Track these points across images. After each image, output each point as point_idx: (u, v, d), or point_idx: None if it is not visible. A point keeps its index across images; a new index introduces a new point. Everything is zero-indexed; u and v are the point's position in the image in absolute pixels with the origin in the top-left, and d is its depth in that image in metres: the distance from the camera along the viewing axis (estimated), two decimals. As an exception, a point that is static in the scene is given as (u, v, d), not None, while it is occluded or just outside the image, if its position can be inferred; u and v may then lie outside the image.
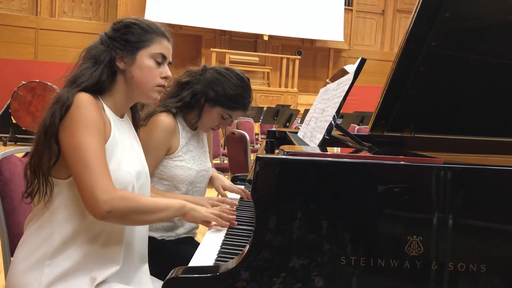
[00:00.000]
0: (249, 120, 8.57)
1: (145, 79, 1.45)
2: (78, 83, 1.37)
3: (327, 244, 1.13)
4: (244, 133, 4.11)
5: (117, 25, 1.48)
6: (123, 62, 1.43)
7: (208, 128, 2.01)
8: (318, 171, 1.15)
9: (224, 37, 14.36)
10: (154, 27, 1.48)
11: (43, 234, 1.36)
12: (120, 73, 1.44)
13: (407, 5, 15.41)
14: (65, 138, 1.32)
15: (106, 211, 1.28)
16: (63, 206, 1.36)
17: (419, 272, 1.13)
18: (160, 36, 1.48)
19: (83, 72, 1.40)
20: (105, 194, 1.28)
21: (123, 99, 1.47)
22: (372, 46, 15.83)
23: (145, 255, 1.57)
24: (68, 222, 1.36)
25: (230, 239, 1.47)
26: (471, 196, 1.16)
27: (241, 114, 2.00)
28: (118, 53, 1.43)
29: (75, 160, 1.30)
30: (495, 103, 1.79)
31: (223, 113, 1.95)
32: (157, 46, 1.46)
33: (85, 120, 1.32)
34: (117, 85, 1.45)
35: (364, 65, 1.58)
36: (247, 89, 1.99)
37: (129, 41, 1.44)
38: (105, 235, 1.39)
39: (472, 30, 1.66)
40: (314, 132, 1.76)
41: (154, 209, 1.40)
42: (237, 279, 1.12)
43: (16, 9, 12.91)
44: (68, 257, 1.35)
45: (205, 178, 2.03)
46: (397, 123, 1.76)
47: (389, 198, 1.15)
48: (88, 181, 1.28)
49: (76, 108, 1.32)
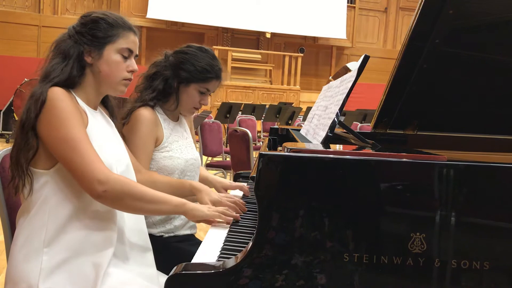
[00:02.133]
0: (251, 117, 8.57)
1: (112, 73, 1.49)
2: (50, 78, 1.42)
3: (330, 241, 1.13)
4: (247, 130, 4.11)
5: (84, 19, 1.50)
6: (91, 57, 1.47)
7: (190, 109, 2.00)
8: (321, 168, 1.15)
9: (226, 34, 14.35)
10: (120, 21, 1.51)
11: (36, 224, 1.39)
12: (88, 67, 1.48)
13: (410, 2, 15.38)
14: (48, 133, 1.36)
15: (102, 190, 1.34)
16: (52, 195, 1.39)
17: (422, 269, 1.13)
18: (126, 30, 1.51)
19: (54, 67, 1.44)
20: (100, 174, 1.34)
21: (93, 92, 1.51)
22: (374, 44, 15.80)
23: (146, 243, 1.58)
24: (60, 209, 1.39)
25: (233, 236, 1.47)
26: (474, 193, 1.16)
27: (217, 83, 1.99)
28: (86, 48, 1.46)
29: (64, 151, 1.35)
30: (498, 100, 1.79)
31: (200, 88, 1.96)
32: (124, 41, 1.50)
33: (63, 112, 1.36)
34: (86, 79, 1.48)
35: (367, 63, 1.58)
36: (213, 58, 2.00)
37: (96, 36, 1.47)
38: (97, 218, 1.42)
39: (475, 27, 1.66)
40: (317, 130, 1.76)
41: (150, 199, 1.43)
42: (240, 276, 1.13)
43: (19, 6, 12.92)
44: (65, 243, 1.38)
45: (195, 167, 2.04)
46: (400, 120, 1.76)
47: (392, 195, 1.15)
48: (82, 166, 1.34)
49: (51, 102, 1.36)
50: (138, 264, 1.51)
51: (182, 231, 2.00)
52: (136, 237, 1.55)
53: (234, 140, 4.35)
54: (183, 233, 2.00)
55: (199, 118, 5.95)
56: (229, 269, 1.13)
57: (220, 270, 1.14)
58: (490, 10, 1.63)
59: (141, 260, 1.53)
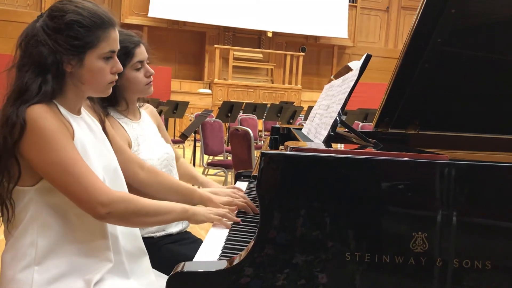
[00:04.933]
0: (252, 116, 8.58)
1: (96, 80, 1.35)
2: (25, 98, 1.26)
3: (332, 240, 1.13)
4: (248, 129, 4.12)
5: (57, 22, 1.31)
6: (70, 65, 1.32)
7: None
8: (323, 167, 1.15)
9: (228, 33, 14.34)
10: (98, 20, 1.33)
11: (26, 241, 1.31)
12: (68, 75, 1.33)
13: (411, 2, 15.35)
14: (35, 156, 1.25)
15: (105, 212, 1.27)
16: (39, 212, 1.31)
17: (424, 269, 1.13)
18: (106, 29, 1.34)
19: (28, 83, 1.27)
20: (102, 196, 1.26)
21: (75, 98, 1.38)
22: (376, 43, 15.78)
23: (141, 249, 1.54)
24: (48, 227, 1.31)
25: (235, 235, 1.47)
26: (476, 193, 1.16)
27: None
28: (64, 57, 1.30)
29: (57, 176, 1.25)
30: (500, 100, 1.78)
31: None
32: (105, 44, 1.34)
33: (49, 132, 1.24)
34: (67, 87, 1.34)
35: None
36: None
37: (75, 45, 1.30)
38: (88, 233, 1.35)
39: (478, 27, 1.66)
40: (318, 129, 1.75)
41: (155, 212, 1.38)
42: (241, 275, 1.13)
43: (20, 5, 12.93)
44: (56, 261, 1.31)
45: (169, 161, 1.97)
46: (401, 120, 1.75)
47: (394, 194, 1.15)
48: (79, 189, 1.25)
49: (33, 122, 1.23)
50: (135, 272, 1.47)
51: (173, 228, 1.96)
52: (130, 244, 1.49)
53: (236, 139, 4.36)
54: (175, 231, 1.96)
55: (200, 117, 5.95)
56: (231, 268, 1.13)
57: (222, 269, 1.14)
58: (493, 10, 1.62)
59: (138, 268, 1.48)
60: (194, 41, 14.07)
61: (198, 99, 13.05)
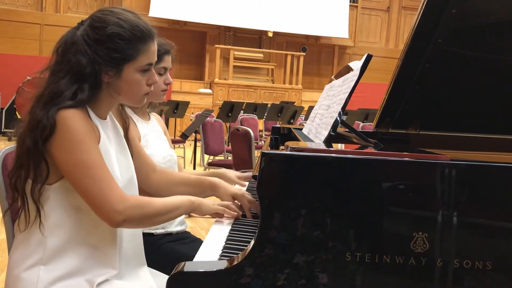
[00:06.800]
0: (253, 116, 8.58)
1: (132, 92, 1.38)
2: (57, 101, 1.27)
3: (332, 240, 1.13)
4: (248, 129, 4.12)
5: (99, 34, 1.32)
6: (108, 75, 1.33)
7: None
8: (323, 167, 1.15)
9: (228, 33, 14.34)
10: (139, 33, 1.35)
11: (34, 240, 1.32)
12: (105, 84, 1.35)
13: (412, 2, 15.34)
14: (61, 156, 1.26)
15: (121, 220, 1.28)
16: (53, 211, 1.31)
17: (424, 269, 1.13)
18: (146, 42, 1.37)
19: (63, 89, 1.28)
20: (118, 204, 1.27)
21: (107, 105, 1.41)
22: (377, 43, 15.78)
23: (142, 257, 1.55)
24: (59, 227, 1.32)
25: (235, 234, 1.47)
26: (477, 193, 1.16)
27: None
28: (103, 69, 1.31)
29: (79, 178, 1.26)
30: (501, 100, 1.78)
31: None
32: (144, 57, 1.36)
33: (77, 134, 1.26)
34: (101, 94, 1.36)
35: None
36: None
37: (114, 57, 1.32)
38: (99, 238, 1.36)
39: (478, 27, 1.66)
40: (319, 129, 1.75)
41: (166, 210, 1.41)
42: (242, 275, 1.13)
43: (21, 4, 12.93)
44: (62, 262, 1.31)
45: (172, 163, 2.03)
46: (402, 120, 1.75)
47: (394, 194, 1.15)
48: (98, 194, 1.26)
49: (62, 124, 1.25)
50: (133, 279, 1.47)
51: (173, 227, 1.98)
52: (132, 251, 1.50)
53: (236, 139, 4.36)
54: (175, 231, 1.98)
55: (201, 117, 5.96)
56: (231, 268, 1.13)
57: (222, 269, 1.14)
58: (494, 10, 1.62)
59: (135, 275, 1.49)
60: (194, 41, 14.07)
61: (198, 99, 13.05)
